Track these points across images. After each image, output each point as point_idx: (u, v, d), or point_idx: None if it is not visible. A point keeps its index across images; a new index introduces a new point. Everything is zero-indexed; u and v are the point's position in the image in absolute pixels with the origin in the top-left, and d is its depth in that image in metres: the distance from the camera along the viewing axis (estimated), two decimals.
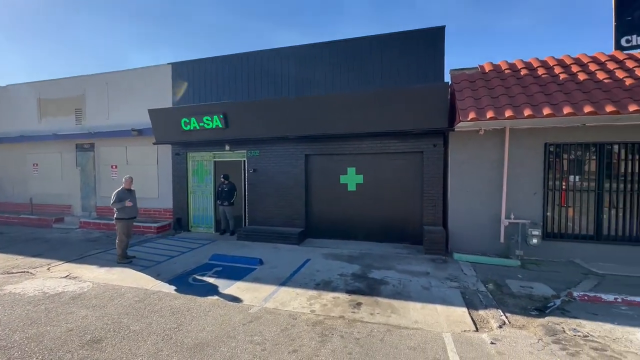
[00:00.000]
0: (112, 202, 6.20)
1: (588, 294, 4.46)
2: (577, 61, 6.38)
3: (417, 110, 6.58)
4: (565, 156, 6.36)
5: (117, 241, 6.33)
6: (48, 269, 5.93)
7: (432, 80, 7.09)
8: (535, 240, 6.10)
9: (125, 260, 6.32)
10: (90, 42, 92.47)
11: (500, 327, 3.69)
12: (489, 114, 5.64)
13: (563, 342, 3.33)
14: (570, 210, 6.36)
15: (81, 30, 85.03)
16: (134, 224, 6.86)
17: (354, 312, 4.06)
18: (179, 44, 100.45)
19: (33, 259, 6.53)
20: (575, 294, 4.49)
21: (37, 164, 11.41)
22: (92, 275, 5.53)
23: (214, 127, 8.11)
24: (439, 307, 4.22)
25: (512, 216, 6.42)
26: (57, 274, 5.61)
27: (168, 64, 9.37)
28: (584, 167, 6.32)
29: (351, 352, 3.14)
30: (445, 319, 3.88)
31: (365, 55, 7.63)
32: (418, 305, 4.29)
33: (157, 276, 5.48)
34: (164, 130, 8.67)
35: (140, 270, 5.79)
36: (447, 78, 7.13)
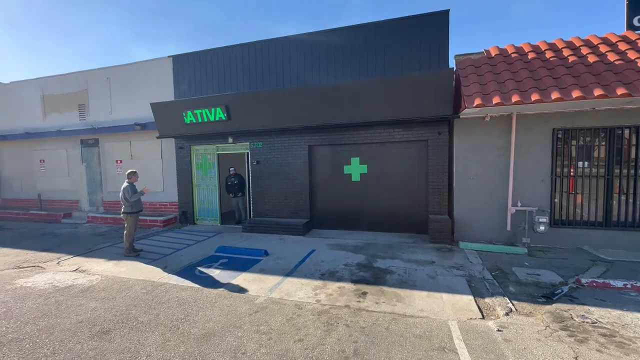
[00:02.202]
0: (130, 196, 6.22)
1: (596, 280, 4.41)
2: (587, 43, 6.17)
3: (421, 97, 6.46)
4: (573, 142, 6.22)
5: (125, 234, 6.39)
6: (58, 263, 6.03)
7: (436, 67, 6.93)
8: (542, 228, 6.03)
9: (133, 253, 6.39)
10: (92, 37, 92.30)
11: (506, 314, 3.67)
12: (495, 100, 5.51)
13: (571, 329, 3.30)
14: (579, 196, 6.25)
15: (82, 24, 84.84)
16: (141, 217, 6.92)
17: (359, 302, 4.07)
18: (182, 40, 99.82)
19: (43, 254, 6.64)
20: (583, 280, 4.44)
21: (43, 161, 11.52)
22: (101, 269, 5.61)
23: (216, 119, 8.09)
24: (445, 296, 4.21)
25: (519, 204, 6.34)
26: (67, 268, 5.70)
27: (169, 56, 9.30)
28: (593, 153, 6.18)
29: (356, 341, 3.15)
30: (451, 307, 3.86)
31: (368, 43, 7.47)
32: (424, 293, 4.28)
33: (165, 268, 5.55)
34: (167, 124, 8.67)
35: (147, 263, 5.85)
36: (453, 64, 6.99)
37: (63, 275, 5.32)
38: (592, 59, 5.69)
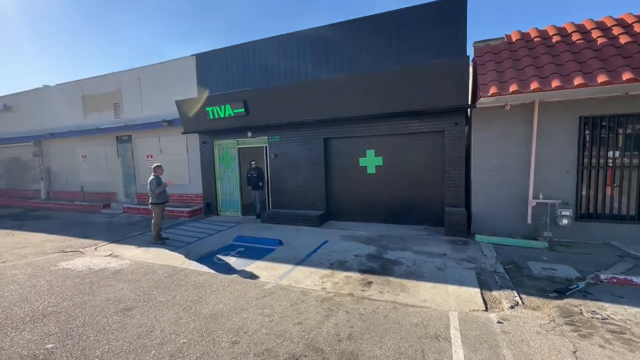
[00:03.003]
0: (155, 188, 6.71)
1: (617, 276, 4.18)
2: (620, 22, 5.69)
3: (436, 87, 6.32)
4: (603, 130, 5.81)
5: (152, 223, 6.91)
6: (95, 248, 6.67)
7: (453, 55, 6.71)
8: (565, 221, 5.74)
9: (160, 241, 6.90)
10: (129, 39, 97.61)
11: (512, 307, 3.60)
12: (512, 88, 5.28)
13: (577, 324, 3.19)
14: (608, 188, 5.86)
15: (118, 28, 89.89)
16: (168, 208, 7.42)
17: (363, 290, 4.17)
18: (213, 38, 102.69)
19: (83, 240, 7.36)
20: (602, 276, 4.22)
21: (85, 156, 12.60)
22: (131, 254, 6.14)
23: (227, 115, 8.44)
24: (451, 287, 4.19)
25: (541, 196, 6.06)
26: (103, 253, 6.30)
27: (192, 55, 9.73)
28: (626, 142, 5.74)
29: (353, 326, 3.27)
30: (455, 299, 3.86)
31: (383, 34, 7.37)
32: (429, 285, 4.29)
33: (186, 255, 5.96)
34: (191, 120, 9.13)
35: (172, 250, 6.31)
36: (471, 51, 6.74)
37: (99, 259, 5.90)
38: (623, 39, 5.26)
